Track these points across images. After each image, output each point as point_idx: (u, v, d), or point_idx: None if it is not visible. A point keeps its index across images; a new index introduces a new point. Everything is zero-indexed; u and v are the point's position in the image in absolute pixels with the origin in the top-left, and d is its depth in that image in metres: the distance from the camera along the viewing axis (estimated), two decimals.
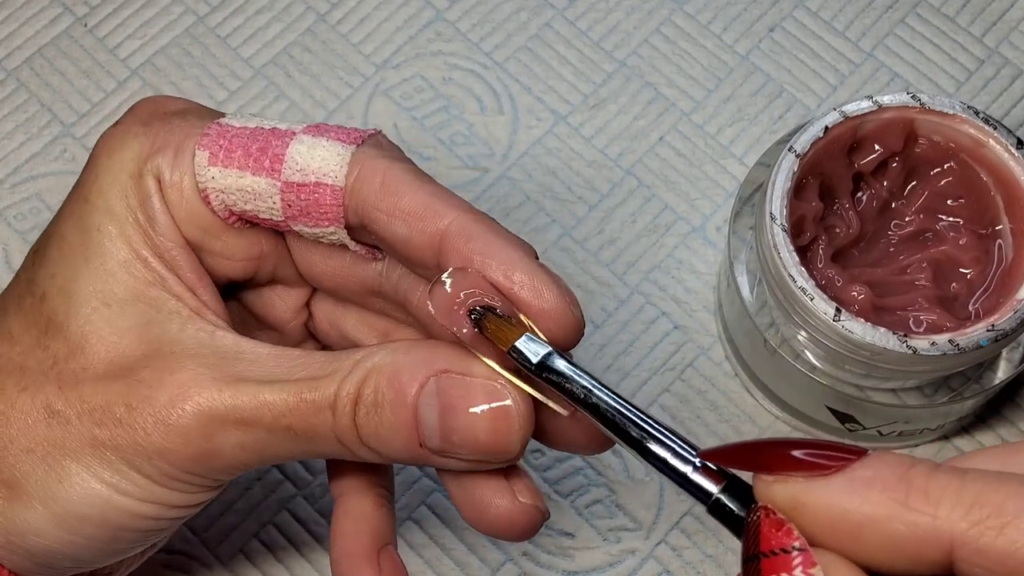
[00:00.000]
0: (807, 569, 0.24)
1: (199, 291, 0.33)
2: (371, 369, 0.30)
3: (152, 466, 0.31)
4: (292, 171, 0.32)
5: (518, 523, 0.32)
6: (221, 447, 0.31)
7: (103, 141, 0.34)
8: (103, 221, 0.33)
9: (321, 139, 0.33)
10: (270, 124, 0.34)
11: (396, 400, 0.30)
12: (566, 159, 0.50)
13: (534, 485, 0.33)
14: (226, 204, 0.33)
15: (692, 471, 0.27)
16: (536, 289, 0.30)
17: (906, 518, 0.24)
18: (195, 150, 0.33)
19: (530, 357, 0.29)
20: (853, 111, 0.40)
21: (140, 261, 0.32)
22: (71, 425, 0.31)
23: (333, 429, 0.30)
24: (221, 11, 0.53)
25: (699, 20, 0.53)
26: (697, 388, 0.47)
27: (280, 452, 0.31)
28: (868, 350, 0.38)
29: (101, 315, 0.32)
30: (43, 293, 0.33)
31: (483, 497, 0.32)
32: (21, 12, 0.53)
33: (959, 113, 0.40)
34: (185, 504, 0.32)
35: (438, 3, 0.53)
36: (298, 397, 0.30)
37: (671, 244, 0.49)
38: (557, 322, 0.30)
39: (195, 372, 0.31)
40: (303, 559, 0.45)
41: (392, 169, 0.32)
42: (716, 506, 0.27)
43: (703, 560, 0.44)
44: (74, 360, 0.32)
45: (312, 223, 0.33)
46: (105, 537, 0.32)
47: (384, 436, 0.30)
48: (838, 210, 0.41)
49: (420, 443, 0.30)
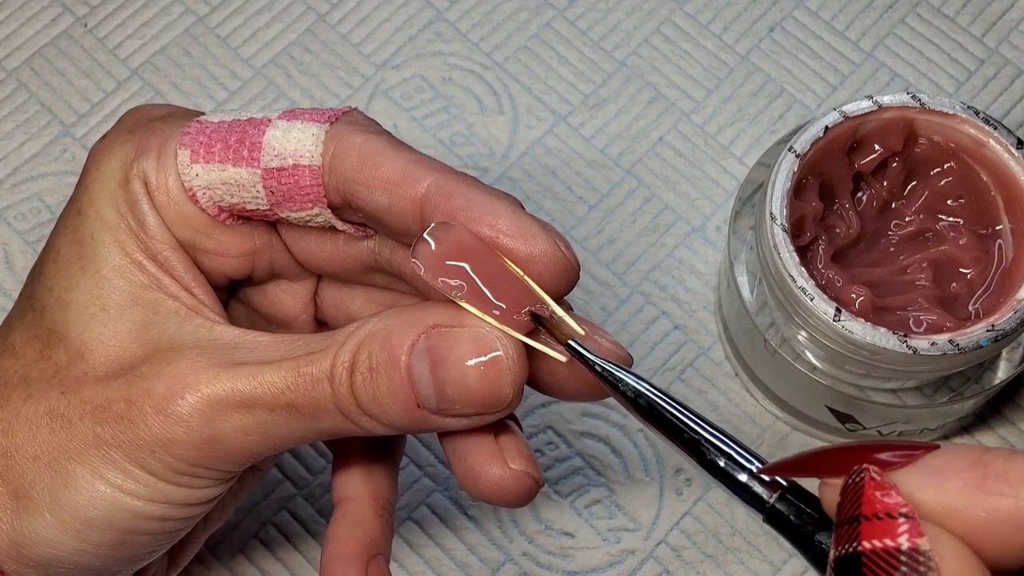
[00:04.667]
0: (913, 538, 0.22)
1: (195, 290, 0.33)
2: (365, 336, 0.30)
3: (156, 460, 0.31)
4: (270, 157, 0.32)
5: (510, 489, 0.32)
6: (223, 432, 0.30)
7: (92, 153, 0.34)
8: (96, 229, 0.33)
9: (295, 122, 0.33)
10: (247, 115, 0.34)
11: (389, 362, 0.30)
12: (566, 159, 0.50)
13: (528, 451, 0.32)
14: (213, 200, 0.33)
15: (748, 478, 0.27)
16: (522, 235, 0.30)
17: (986, 504, 0.23)
18: (176, 150, 0.33)
19: (593, 359, 0.30)
20: (853, 111, 0.40)
21: (135, 265, 0.32)
22: (74, 427, 0.31)
23: (333, 400, 0.30)
24: (221, 11, 0.53)
25: (699, 20, 0.53)
26: (697, 388, 0.47)
27: (284, 432, 0.31)
28: (868, 350, 0.38)
29: (99, 321, 0.32)
30: (43, 306, 0.33)
31: (475, 463, 0.32)
32: (21, 12, 0.53)
33: (959, 113, 0.40)
34: (192, 501, 0.32)
35: (438, 3, 0.53)
36: (295, 372, 0.30)
37: (671, 244, 0.49)
38: (548, 266, 0.30)
39: (192, 361, 0.31)
40: (303, 559, 0.45)
41: (368, 142, 0.32)
42: (773, 514, 0.26)
43: (703, 560, 0.44)
44: (76, 366, 0.32)
45: (296, 207, 0.33)
46: (114, 542, 0.32)
47: (382, 401, 0.30)
48: (838, 210, 0.41)
49: (417, 403, 0.30)
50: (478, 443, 0.32)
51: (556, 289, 0.30)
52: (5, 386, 0.32)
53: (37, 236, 0.49)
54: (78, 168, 0.50)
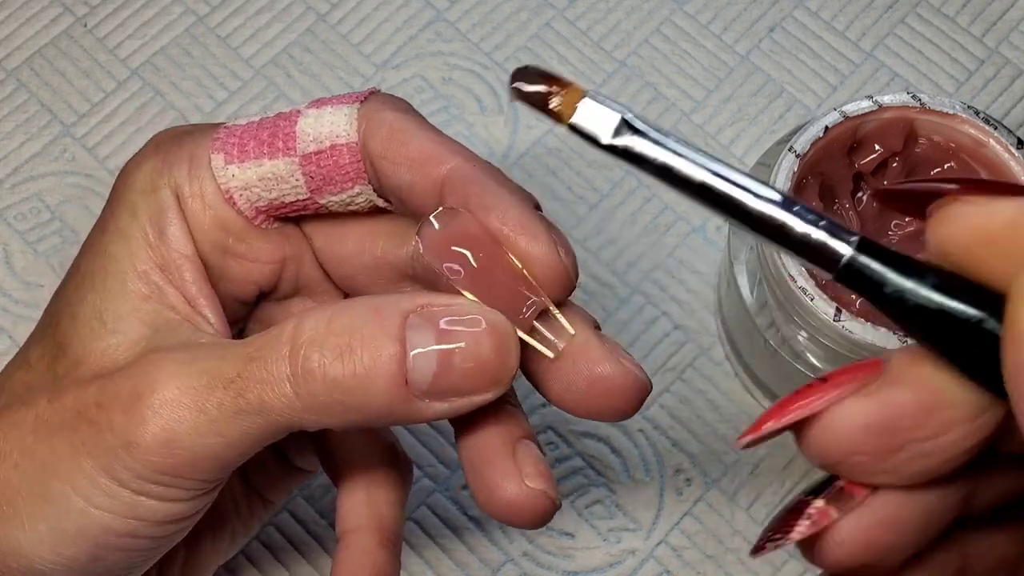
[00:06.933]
0: None
1: (198, 301, 0.33)
2: (334, 311, 0.29)
3: (122, 466, 0.30)
4: (306, 143, 0.33)
5: (525, 508, 0.30)
6: (178, 435, 0.29)
7: (121, 172, 0.34)
8: (112, 242, 0.33)
9: (325, 108, 0.33)
10: (273, 113, 0.34)
11: (379, 333, 0.28)
12: (566, 159, 0.50)
13: (547, 470, 0.31)
14: (250, 201, 0.33)
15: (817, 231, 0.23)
16: (526, 233, 0.30)
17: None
18: (210, 156, 0.33)
19: (596, 133, 0.26)
20: (853, 111, 0.40)
21: (139, 276, 0.32)
22: (55, 435, 0.31)
23: (291, 382, 0.28)
24: (221, 11, 0.53)
25: (699, 20, 0.53)
26: (697, 388, 0.47)
27: (239, 431, 0.29)
28: (868, 350, 0.38)
29: (97, 333, 0.32)
30: (57, 321, 0.33)
31: (492, 478, 0.31)
32: (21, 12, 0.53)
33: (959, 113, 0.40)
34: (162, 518, 0.31)
35: (438, 3, 0.53)
36: (246, 358, 0.29)
37: (671, 244, 0.49)
38: (543, 268, 0.30)
39: (158, 363, 0.30)
40: (303, 559, 0.45)
41: (398, 120, 0.32)
42: (848, 269, 0.23)
43: (703, 560, 0.44)
44: (68, 376, 0.32)
45: (337, 188, 0.33)
46: (87, 555, 0.31)
47: (360, 378, 0.28)
48: (838, 210, 0.41)
49: (404, 381, 0.28)
50: (496, 458, 0.31)
51: (549, 294, 0.30)
52: (12, 396, 0.32)
53: (37, 236, 0.49)
54: (78, 168, 0.51)
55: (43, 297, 0.48)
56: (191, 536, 0.34)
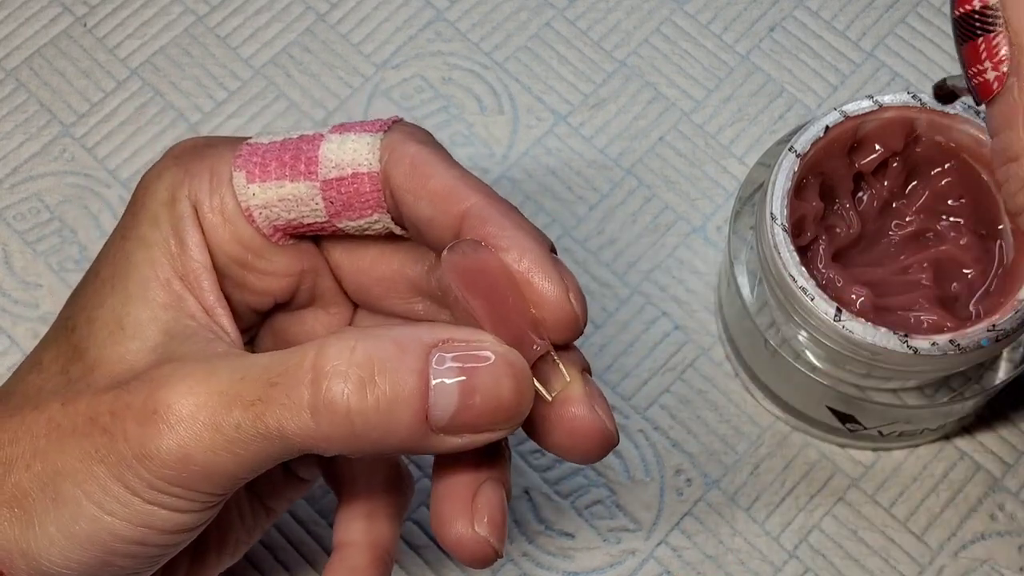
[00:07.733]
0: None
1: (215, 311, 0.33)
2: (357, 340, 0.29)
3: (135, 476, 0.30)
4: (328, 168, 0.33)
5: (467, 550, 0.31)
6: (194, 452, 0.29)
7: (140, 182, 0.35)
8: (134, 249, 0.33)
9: (348, 135, 0.33)
10: (297, 134, 0.34)
11: (402, 368, 0.28)
12: (566, 159, 0.50)
13: (501, 520, 0.32)
14: (269, 219, 0.34)
15: None
16: (540, 277, 0.31)
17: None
18: (232, 172, 0.33)
19: None
20: (854, 111, 0.40)
21: (160, 284, 0.33)
22: (67, 439, 0.31)
23: (311, 411, 0.28)
24: (221, 11, 0.53)
25: (699, 20, 0.52)
26: (697, 388, 0.47)
27: (255, 451, 0.29)
28: (869, 350, 0.38)
29: (115, 339, 0.32)
30: (73, 325, 0.33)
31: (446, 513, 0.31)
32: (20, 12, 0.53)
33: (960, 113, 0.40)
34: (172, 528, 0.31)
35: (438, 3, 0.53)
36: (267, 383, 0.29)
37: (671, 244, 0.49)
38: (552, 312, 0.31)
39: (175, 376, 0.30)
40: (303, 559, 0.45)
41: (420, 152, 0.33)
42: None
43: (703, 560, 0.44)
44: (83, 380, 0.32)
45: (356, 215, 0.33)
46: (95, 561, 0.31)
47: (383, 412, 0.28)
48: (839, 210, 0.41)
49: (425, 416, 0.29)
50: (457, 494, 0.32)
51: (557, 337, 0.31)
52: (23, 399, 0.32)
53: (36, 236, 0.49)
54: (78, 168, 0.51)
55: (42, 297, 0.48)
56: (196, 544, 0.34)
